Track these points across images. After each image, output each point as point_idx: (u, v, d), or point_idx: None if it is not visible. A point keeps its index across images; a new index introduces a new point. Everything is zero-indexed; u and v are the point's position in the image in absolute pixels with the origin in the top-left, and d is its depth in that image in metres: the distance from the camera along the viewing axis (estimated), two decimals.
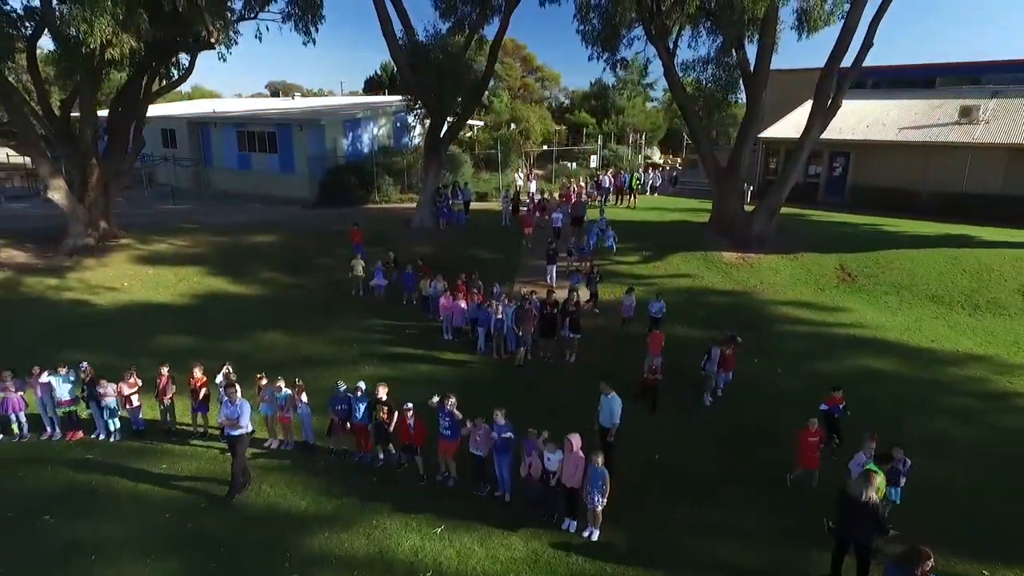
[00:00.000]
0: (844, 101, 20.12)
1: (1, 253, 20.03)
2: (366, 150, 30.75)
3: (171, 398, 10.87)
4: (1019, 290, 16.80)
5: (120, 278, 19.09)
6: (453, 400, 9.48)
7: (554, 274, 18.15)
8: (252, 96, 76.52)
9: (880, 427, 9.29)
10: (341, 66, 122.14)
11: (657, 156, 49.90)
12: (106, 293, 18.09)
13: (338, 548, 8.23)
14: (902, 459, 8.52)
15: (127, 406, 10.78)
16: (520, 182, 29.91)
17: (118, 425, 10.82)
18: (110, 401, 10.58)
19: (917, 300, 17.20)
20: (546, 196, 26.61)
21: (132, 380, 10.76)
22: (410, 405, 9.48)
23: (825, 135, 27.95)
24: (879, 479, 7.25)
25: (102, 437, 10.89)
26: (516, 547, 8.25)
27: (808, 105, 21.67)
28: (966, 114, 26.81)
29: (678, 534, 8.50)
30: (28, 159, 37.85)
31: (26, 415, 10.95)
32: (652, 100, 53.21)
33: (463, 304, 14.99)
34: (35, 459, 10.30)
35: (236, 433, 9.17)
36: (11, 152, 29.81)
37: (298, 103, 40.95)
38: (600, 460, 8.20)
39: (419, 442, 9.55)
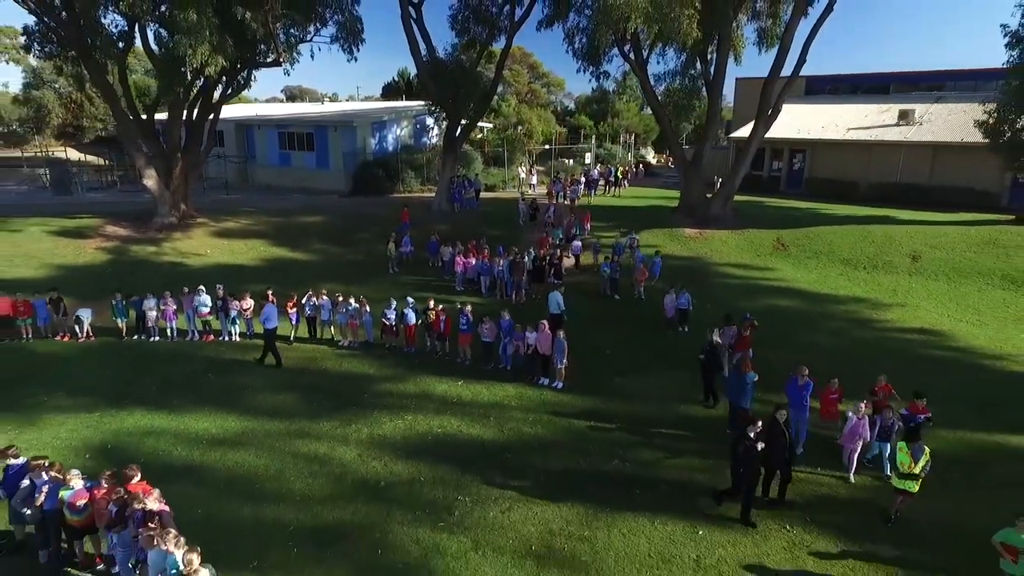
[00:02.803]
0: (807, 105, 24.60)
1: (107, 229, 25.16)
2: (391, 148, 35.77)
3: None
4: (908, 254, 21.44)
5: (203, 247, 24.16)
6: (469, 307, 14.37)
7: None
8: (267, 100, 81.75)
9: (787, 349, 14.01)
10: (352, 72, 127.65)
11: (651, 156, 54.63)
12: (195, 257, 23.13)
13: (395, 390, 13.11)
14: (892, 419, 9.82)
15: (245, 317, 15.72)
16: (523, 175, 34.78)
17: (239, 330, 15.79)
18: (234, 313, 15.53)
19: (831, 262, 21.88)
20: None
21: (247, 300, 15.71)
22: (443, 307, 14.38)
23: (786, 135, 32.92)
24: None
25: (225, 339, 15.84)
26: (509, 391, 13.08)
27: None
28: (904, 117, 31.39)
29: (612, 386, 13.28)
30: (94, 157, 43.41)
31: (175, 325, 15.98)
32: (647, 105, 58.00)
33: (472, 260, 19.85)
34: (186, 351, 15.30)
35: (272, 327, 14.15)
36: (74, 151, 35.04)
37: (328, 107, 46.08)
38: (561, 334, 13.02)
39: (447, 333, 14.45)
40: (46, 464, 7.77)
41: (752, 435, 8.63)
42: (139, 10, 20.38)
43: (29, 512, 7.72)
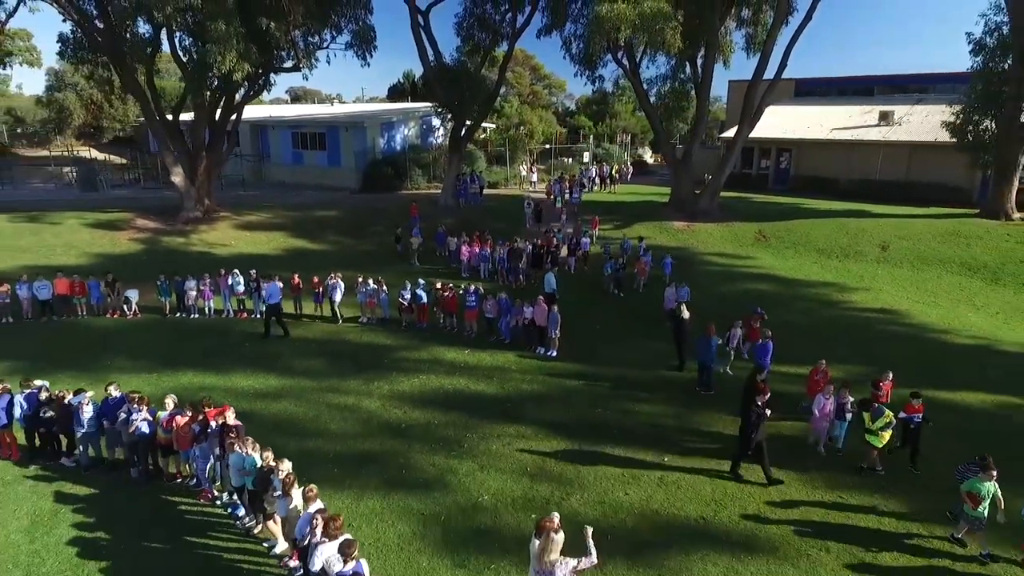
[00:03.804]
0: (795, 107, 26.23)
1: (137, 222, 27.14)
2: (399, 147, 37.71)
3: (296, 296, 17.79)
4: (878, 244, 23.30)
5: (227, 238, 26.12)
6: (473, 287, 16.29)
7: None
8: (271, 101, 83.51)
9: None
10: (356, 73, 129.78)
11: (648, 155, 56.48)
12: (221, 247, 25.09)
13: (410, 356, 15.02)
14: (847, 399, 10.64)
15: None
16: (524, 173, 36.69)
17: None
18: (265, 293, 17.45)
19: (807, 252, 23.74)
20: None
21: (278, 281, 17.62)
22: (451, 285, 16.31)
23: (774, 135, 34.69)
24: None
25: (257, 316, 17.76)
26: (509, 357, 14.99)
27: (766, 111, 27.94)
28: (884, 118, 33.22)
29: (601, 354, 15.17)
30: (115, 157, 45.37)
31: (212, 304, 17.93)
32: None
33: (476, 249, 21.75)
34: (223, 326, 17.25)
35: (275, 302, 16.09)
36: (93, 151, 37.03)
37: (339, 109, 48.05)
38: (555, 308, 14.91)
39: (454, 310, 16.37)
40: (138, 397, 9.69)
41: (760, 403, 9.61)
42: (173, 21, 22.31)
43: (125, 436, 9.65)
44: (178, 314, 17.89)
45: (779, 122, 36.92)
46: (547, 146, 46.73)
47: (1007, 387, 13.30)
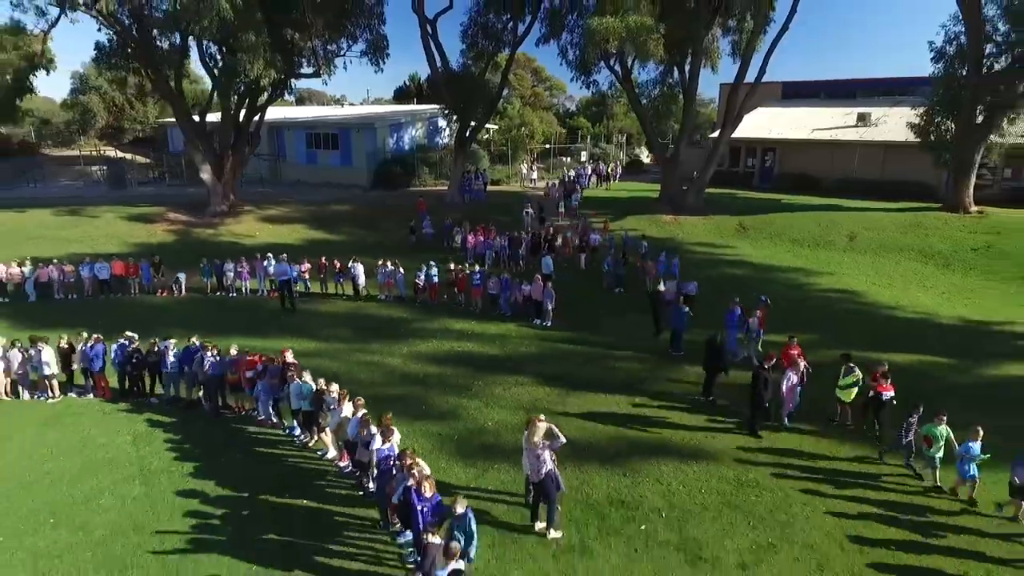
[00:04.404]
0: (781, 109, 28.27)
1: (169, 215, 29.59)
2: (407, 147, 40.10)
3: (323, 277, 20.17)
4: (846, 235, 25.60)
5: (252, 230, 28.53)
6: (479, 267, 18.66)
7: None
8: (277, 103, 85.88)
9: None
10: (362, 75, 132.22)
11: (645, 155, 58.79)
12: (247, 238, 27.48)
13: (424, 326, 17.37)
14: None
15: (304, 278, 20.04)
16: (524, 171, 39.06)
17: (300, 289, 20.11)
18: (294, 274, 19.85)
19: (782, 242, 26.04)
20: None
21: (306, 264, 20.03)
22: (462, 267, 18.70)
23: (759, 135, 36.95)
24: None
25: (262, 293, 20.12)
26: (511, 327, 17.32)
27: (755, 112, 30.24)
28: (861, 119, 35.49)
29: (591, 327, 17.50)
30: (139, 156, 47.83)
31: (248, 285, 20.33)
32: None
33: (481, 238, 24.10)
34: (259, 303, 19.64)
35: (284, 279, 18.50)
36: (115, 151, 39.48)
37: (351, 110, 50.46)
38: (550, 285, 17.26)
39: (463, 288, 18.76)
40: (209, 345, 12.07)
41: (767, 367, 11.28)
42: (206, 33, 24.69)
43: (200, 377, 12.04)
44: (218, 293, 20.31)
45: (765, 123, 39.24)
46: (547, 146, 49.10)
47: (939, 351, 15.56)
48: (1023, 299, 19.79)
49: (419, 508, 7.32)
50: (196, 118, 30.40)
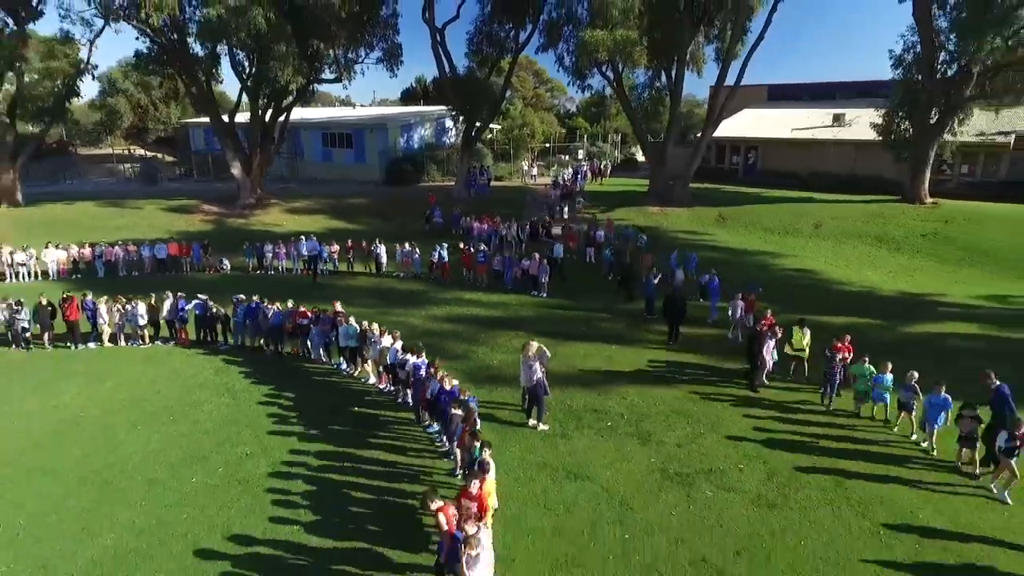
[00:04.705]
0: (766, 110, 31.06)
1: (203, 207, 32.75)
2: (416, 146, 43.19)
3: (351, 256, 23.28)
4: (813, 223, 28.57)
5: (279, 220, 31.63)
6: (484, 247, 21.73)
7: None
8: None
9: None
10: (368, 78, 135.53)
11: (640, 154, 61.75)
12: (275, 227, 30.57)
13: (438, 296, 20.42)
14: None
15: (333, 257, 23.15)
16: (525, 168, 42.13)
17: (329, 268, 23.21)
18: (325, 254, 22.93)
19: (755, 230, 29.03)
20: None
21: (335, 245, 23.10)
22: (471, 246, 21.80)
23: (743, 134, 39.89)
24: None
25: (321, 273, 23.23)
26: (511, 297, 20.37)
27: (742, 113, 33.03)
28: (837, 120, 38.46)
29: (581, 299, 20.53)
30: (157, 154, 50.97)
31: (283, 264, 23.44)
32: None
33: (485, 226, 27.13)
34: (295, 279, 22.73)
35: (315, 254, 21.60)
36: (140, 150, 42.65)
37: (362, 112, 53.57)
38: (546, 262, 20.32)
39: (470, 265, 21.84)
40: (265, 301, 15.15)
41: (760, 329, 14.05)
42: (243, 44, 27.80)
43: (263, 327, 15.12)
44: (258, 272, 23.39)
45: (751, 123, 42.25)
46: (547, 144, 52.13)
47: (875, 315, 18.51)
48: (958, 277, 22.79)
49: (444, 396, 10.37)
50: (225, 118, 33.60)
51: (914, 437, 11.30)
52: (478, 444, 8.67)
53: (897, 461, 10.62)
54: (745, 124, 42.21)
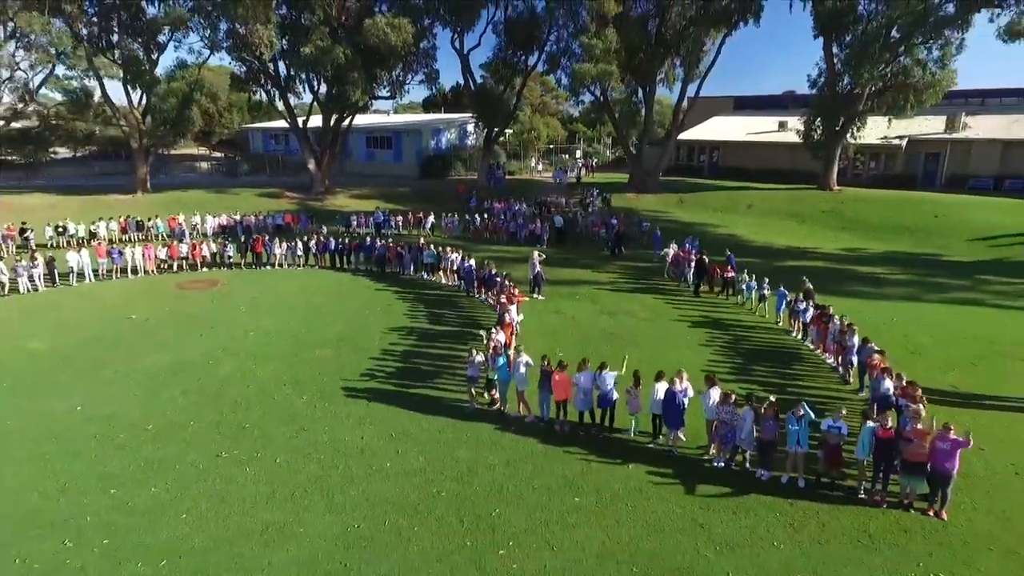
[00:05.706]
0: (730, 117, 40.74)
1: (286, 194, 42.88)
2: (444, 147, 53.21)
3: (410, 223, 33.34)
4: (746, 204, 38.32)
5: (346, 203, 41.69)
6: (503, 217, 31.73)
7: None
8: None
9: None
10: None
11: None
12: (343, 207, 40.62)
13: (471, 248, 30.25)
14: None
15: (398, 223, 33.20)
16: (532, 164, 52.10)
17: (395, 233, 33.25)
18: (392, 223, 32.91)
19: (704, 210, 38.79)
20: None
21: (399, 217, 33.09)
22: (493, 217, 31.84)
23: (704, 137, 49.71)
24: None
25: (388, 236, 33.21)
26: (523, 249, 30.19)
27: (711, 120, 42.34)
28: (781, 126, 48.13)
29: (576, 250, 30.39)
30: (219, 154, 61.00)
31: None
32: None
33: (502, 205, 37.04)
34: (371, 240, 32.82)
35: (380, 221, 31.58)
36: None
37: (398, 118, 63.72)
38: (545, 224, 30.22)
39: (492, 229, 31.80)
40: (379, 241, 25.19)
41: (705, 257, 25.05)
42: (325, 72, 37.78)
43: (375, 256, 25.17)
44: (346, 234, 33.43)
45: (715, 128, 51.99)
46: (551, 146, 62.08)
47: (763, 257, 28.21)
48: (835, 238, 32.49)
49: (490, 276, 20.28)
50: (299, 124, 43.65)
51: (767, 316, 21.24)
52: (504, 299, 18.51)
53: (753, 327, 20.53)
54: (711, 129, 51.95)
